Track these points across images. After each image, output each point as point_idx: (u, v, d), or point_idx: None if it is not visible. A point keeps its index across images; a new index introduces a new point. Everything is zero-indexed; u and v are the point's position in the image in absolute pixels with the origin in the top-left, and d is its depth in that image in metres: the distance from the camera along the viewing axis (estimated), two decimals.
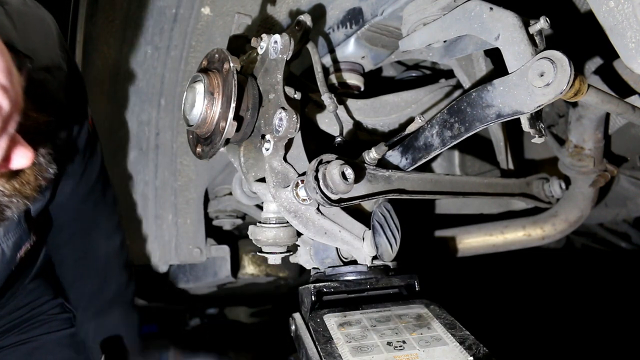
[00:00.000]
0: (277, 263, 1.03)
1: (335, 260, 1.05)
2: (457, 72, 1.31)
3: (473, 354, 0.80)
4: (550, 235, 1.64)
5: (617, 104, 0.95)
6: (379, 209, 0.99)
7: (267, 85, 0.99)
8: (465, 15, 0.95)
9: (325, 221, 0.96)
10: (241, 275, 2.10)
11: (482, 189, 1.26)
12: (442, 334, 0.86)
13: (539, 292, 3.07)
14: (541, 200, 1.53)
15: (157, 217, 1.84)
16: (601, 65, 1.31)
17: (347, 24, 1.28)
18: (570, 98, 0.83)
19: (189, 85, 1.00)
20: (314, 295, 0.97)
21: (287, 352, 2.32)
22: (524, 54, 0.84)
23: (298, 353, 0.94)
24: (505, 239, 1.71)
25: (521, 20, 0.86)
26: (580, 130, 1.43)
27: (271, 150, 0.93)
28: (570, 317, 2.89)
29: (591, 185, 1.53)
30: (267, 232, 1.01)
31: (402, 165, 1.06)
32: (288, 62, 0.99)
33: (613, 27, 0.81)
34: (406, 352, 0.81)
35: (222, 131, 0.93)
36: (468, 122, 0.91)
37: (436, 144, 0.97)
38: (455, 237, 1.75)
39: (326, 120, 1.20)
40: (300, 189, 0.91)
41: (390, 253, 0.98)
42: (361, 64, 1.37)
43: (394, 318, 0.91)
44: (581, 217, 1.60)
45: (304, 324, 0.96)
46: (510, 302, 3.00)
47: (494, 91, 0.86)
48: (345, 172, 0.86)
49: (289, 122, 0.90)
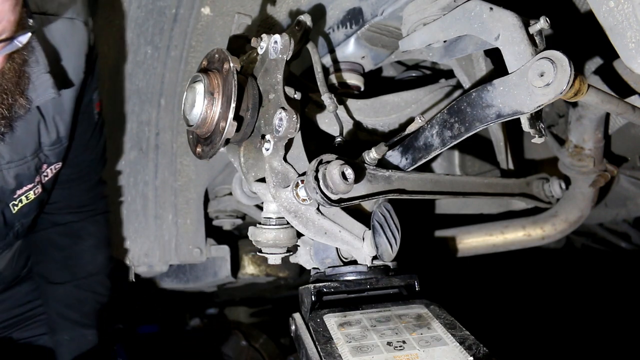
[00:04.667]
0: (277, 263, 1.03)
1: (335, 260, 1.05)
2: (457, 72, 1.31)
3: (473, 354, 0.80)
4: (550, 235, 1.65)
5: (617, 104, 0.95)
6: (379, 209, 0.99)
7: (267, 85, 0.99)
8: (465, 15, 0.95)
9: (325, 221, 0.96)
10: (241, 275, 2.10)
11: (482, 189, 1.26)
12: (442, 334, 0.86)
13: (539, 292, 3.07)
14: (541, 200, 1.53)
15: (157, 217, 1.84)
16: (601, 65, 1.31)
17: (347, 24, 1.28)
18: (570, 98, 0.83)
19: (189, 85, 1.00)
20: (314, 295, 0.97)
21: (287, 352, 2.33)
22: (524, 54, 0.84)
23: (298, 353, 0.94)
24: (505, 239, 1.71)
25: (521, 20, 0.86)
26: (580, 130, 1.43)
27: (271, 150, 0.93)
28: (570, 317, 2.89)
29: (591, 185, 1.53)
30: (267, 234, 1.01)
31: (402, 165, 1.06)
32: (288, 62, 0.99)
33: (613, 27, 0.81)
34: (406, 352, 0.81)
35: (222, 131, 0.93)
36: (468, 122, 0.91)
37: (436, 144, 0.97)
38: (455, 237, 1.75)
39: (326, 120, 1.20)
40: (300, 189, 0.91)
41: (390, 253, 0.98)
42: (361, 64, 1.37)
43: (394, 318, 0.91)
44: (581, 217, 1.60)
45: (304, 324, 0.96)
46: (510, 302, 3.00)
47: (494, 91, 0.86)
48: (345, 172, 0.86)
49: (289, 122, 0.90)
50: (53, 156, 1.32)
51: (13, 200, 1.28)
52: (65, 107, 1.29)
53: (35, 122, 1.23)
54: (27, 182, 1.28)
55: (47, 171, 1.34)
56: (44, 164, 1.31)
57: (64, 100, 1.27)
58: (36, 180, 1.31)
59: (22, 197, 1.30)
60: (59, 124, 1.29)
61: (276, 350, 2.30)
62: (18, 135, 1.19)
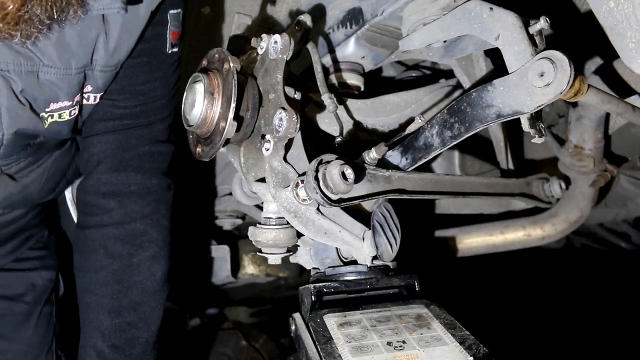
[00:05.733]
0: (277, 263, 1.03)
1: (335, 260, 1.05)
2: (457, 72, 1.31)
3: (473, 354, 0.80)
4: (550, 235, 1.65)
5: (617, 104, 0.95)
6: (379, 209, 0.99)
7: (267, 85, 0.99)
8: (465, 15, 0.95)
9: (325, 221, 0.96)
10: (241, 275, 2.10)
11: (482, 189, 1.26)
12: (442, 334, 0.86)
13: (539, 292, 3.07)
14: (541, 200, 1.53)
15: None
16: (601, 65, 1.31)
17: (347, 24, 1.28)
18: (570, 98, 0.83)
19: (189, 85, 1.00)
20: (314, 296, 0.97)
21: (287, 352, 2.33)
22: (524, 54, 0.84)
23: (298, 353, 0.94)
24: (505, 239, 1.71)
25: (521, 20, 0.87)
26: (580, 130, 1.43)
27: (271, 150, 0.93)
28: (570, 317, 2.89)
29: (591, 185, 1.53)
30: (267, 234, 1.01)
31: (402, 165, 1.06)
32: (288, 62, 0.99)
33: (613, 27, 0.81)
34: (406, 352, 0.81)
35: (222, 131, 0.93)
36: (468, 122, 0.91)
37: (436, 144, 0.97)
38: (455, 237, 1.75)
39: (326, 120, 1.20)
40: (300, 189, 0.91)
41: (390, 253, 0.98)
42: (361, 64, 1.38)
43: (394, 318, 0.91)
44: (581, 217, 1.60)
45: (304, 324, 0.96)
46: (510, 302, 3.00)
47: (494, 91, 0.86)
48: (345, 172, 0.86)
49: (289, 122, 0.90)
50: (102, 79, 1.15)
51: (44, 111, 1.11)
52: (137, 27, 1.11)
53: (93, 33, 1.07)
54: (64, 97, 1.11)
55: (91, 95, 1.17)
56: (90, 85, 1.14)
57: (137, 17, 1.10)
58: (75, 100, 1.13)
59: (55, 114, 1.13)
60: (123, 44, 1.11)
61: (276, 350, 2.30)
62: (67, 42, 1.04)
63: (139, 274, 1.23)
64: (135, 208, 1.24)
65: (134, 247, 1.23)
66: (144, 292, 1.24)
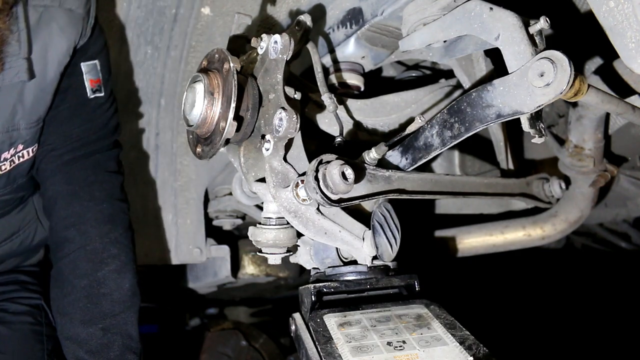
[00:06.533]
0: (277, 263, 1.03)
1: (335, 260, 1.05)
2: (457, 72, 1.31)
3: (473, 354, 0.80)
4: (550, 235, 1.65)
5: (617, 104, 0.95)
6: (379, 209, 0.99)
7: (267, 85, 0.99)
8: (465, 15, 0.95)
9: (325, 221, 0.96)
10: (241, 275, 2.10)
11: (482, 189, 1.26)
12: (442, 334, 0.86)
13: (539, 292, 3.08)
14: (541, 200, 1.53)
15: (157, 218, 1.84)
16: (601, 65, 1.31)
17: (347, 24, 1.28)
18: (570, 98, 0.83)
19: (189, 85, 1.00)
20: (314, 296, 0.97)
21: (287, 352, 2.33)
22: (524, 54, 0.84)
23: (298, 353, 0.94)
24: (505, 239, 1.71)
25: (521, 20, 0.86)
26: (580, 130, 1.43)
27: (271, 150, 0.93)
28: (570, 317, 2.90)
29: (591, 185, 1.53)
30: (267, 234, 1.01)
31: (402, 165, 1.06)
32: (288, 62, 0.99)
33: (613, 27, 0.81)
34: (406, 352, 0.81)
35: (222, 131, 0.93)
36: (468, 122, 0.91)
37: (436, 144, 0.97)
38: (455, 237, 1.75)
39: (326, 120, 1.20)
40: (300, 189, 0.91)
41: (390, 253, 0.98)
42: (361, 64, 1.37)
43: (394, 318, 0.91)
44: (581, 217, 1.60)
45: (304, 324, 0.96)
46: (510, 302, 3.00)
47: (494, 91, 0.86)
48: (345, 172, 0.86)
49: (289, 122, 0.90)
50: (30, 135, 1.27)
51: None
52: (49, 85, 1.26)
53: (11, 100, 1.21)
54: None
55: (24, 152, 1.29)
56: (20, 144, 1.27)
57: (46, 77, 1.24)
58: (2, 157, 1.26)
59: None
60: (40, 102, 1.25)
61: (276, 350, 2.30)
62: None
63: (105, 286, 1.30)
64: (93, 231, 1.34)
65: (96, 264, 1.31)
66: (114, 303, 1.30)
